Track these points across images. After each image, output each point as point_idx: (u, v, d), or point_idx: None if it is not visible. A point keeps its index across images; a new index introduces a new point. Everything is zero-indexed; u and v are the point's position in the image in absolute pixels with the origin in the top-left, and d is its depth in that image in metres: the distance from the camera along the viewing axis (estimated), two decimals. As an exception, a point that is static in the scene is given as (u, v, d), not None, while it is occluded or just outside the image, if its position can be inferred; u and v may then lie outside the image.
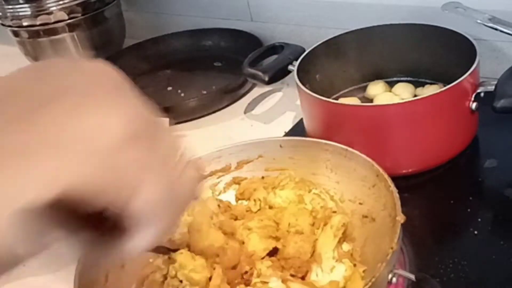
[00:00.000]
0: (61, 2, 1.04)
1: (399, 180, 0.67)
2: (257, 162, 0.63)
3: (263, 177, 0.62)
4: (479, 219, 0.61)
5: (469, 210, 0.63)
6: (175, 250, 0.52)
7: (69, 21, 1.06)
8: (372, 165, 0.55)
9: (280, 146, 0.62)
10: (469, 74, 0.64)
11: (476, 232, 0.59)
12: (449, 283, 0.54)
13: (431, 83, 0.79)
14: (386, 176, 0.54)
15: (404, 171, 0.68)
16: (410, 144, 0.67)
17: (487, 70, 0.71)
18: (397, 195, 0.52)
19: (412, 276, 0.47)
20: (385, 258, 0.45)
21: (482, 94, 0.66)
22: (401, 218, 0.50)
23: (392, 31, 0.78)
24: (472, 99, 0.66)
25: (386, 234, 0.50)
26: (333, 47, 0.79)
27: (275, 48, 0.84)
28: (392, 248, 0.46)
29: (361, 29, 0.79)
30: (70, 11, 1.06)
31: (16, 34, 1.10)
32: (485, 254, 0.57)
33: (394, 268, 0.47)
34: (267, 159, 0.63)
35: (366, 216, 0.57)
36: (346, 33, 0.79)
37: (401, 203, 0.64)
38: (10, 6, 1.05)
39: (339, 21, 0.91)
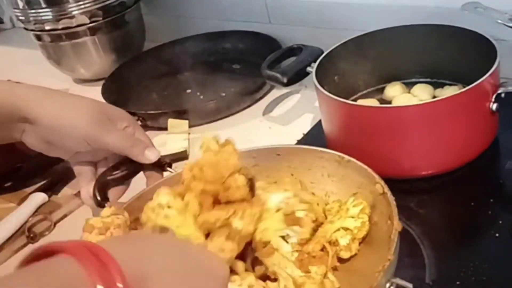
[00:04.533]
0: (82, 6, 1.06)
1: (418, 182, 0.68)
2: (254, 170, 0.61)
3: None
4: (500, 221, 0.60)
5: (490, 212, 0.62)
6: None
7: (90, 24, 1.08)
8: (368, 172, 0.54)
9: (277, 154, 0.62)
10: (490, 75, 0.63)
11: (497, 235, 0.59)
12: (470, 286, 0.54)
13: (450, 84, 0.78)
14: (382, 182, 0.52)
15: (423, 172, 0.68)
16: (430, 146, 0.66)
17: (507, 70, 0.70)
18: (394, 202, 0.50)
19: (410, 285, 0.46)
20: (383, 268, 0.45)
21: (502, 95, 0.65)
22: (398, 226, 0.48)
23: (410, 32, 0.78)
24: (493, 100, 0.65)
25: (385, 242, 0.49)
26: (351, 49, 0.79)
27: (294, 50, 0.84)
28: (389, 259, 0.45)
29: (380, 30, 0.79)
30: (91, 15, 1.07)
31: (38, 38, 1.12)
32: (506, 256, 0.56)
33: (392, 277, 0.46)
34: (263, 168, 0.62)
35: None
36: (364, 34, 0.79)
37: (421, 205, 0.64)
38: (33, 11, 1.07)
39: (357, 22, 0.90)
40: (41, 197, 0.78)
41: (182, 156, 0.82)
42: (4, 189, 0.82)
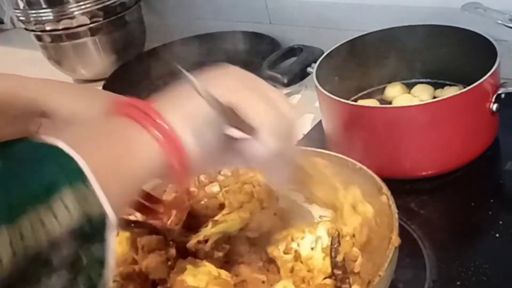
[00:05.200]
0: (83, 7, 1.06)
1: (419, 183, 0.68)
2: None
3: None
4: (500, 222, 0.60)
5: (490, 212, 0.62)
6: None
7: (91, 25, 1.08)
8: (376, 181, 0.54)
9: None
10: (490, 75, 0.63)
11: (497, 235, 0.59)
12: (471, 286, 0.54)
13: (450, 85, 0.78)
14: (389, 194, 0.52)
15: (424, 173, 0.68)
16: (430, 146, 0.66)
17: (507, 71, 0.70)
18: (396, 216, 0.50)
19: None
20: (371, 284, 0.44)
21: (502, 95, 0.65)
22: (396, 241, 0.47)
23: (411, 32, 0.78)
24: (493, 100, 0.65)
25: (383, 254, 0.48)
26: (352, 49, 0.79)
27: (294, 51, 0.84)
28: (379, 275, 0.44)
29: (380, 30, 0.79)
30: (92, 15, 1.07)
31: (39, 38, 1.12)
32: (506, 256, 0.56)
33: None
34: None
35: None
36: (365, 35, 0.79)
37: (421, 206, 0.64)
38: (33, 11, 1.07)
39: (358, 23, 0.90)
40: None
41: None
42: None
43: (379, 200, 0.53)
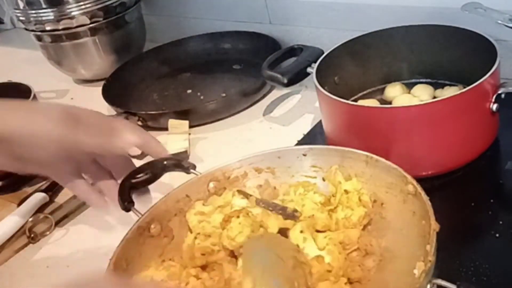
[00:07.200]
0: (83, 7, 1.06)
1: (419, 183, 0.67)
2: (279, 171, 0.62)
3: None
4: (501, 222, 0.60)
5: (490, 212, 0.62)
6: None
7: (91, 25, 1.08)
8: (399, 171, 0.54)
9: (304, 154, 0.62)
10: (490, 75, 0.63)
11: (497, 235, 0.59)
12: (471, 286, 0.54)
13: (450, 85, 0.78)
14: (415, 182, 0.52)
15: (424, 173, 0.68)
16: (430, 146, 0.66)
17: (507, 71, 0.70)
18: (429, 202, 0.50)
19: (453, 286, 0.45)
20: (424, 270, 0.44)
21: (502, 95, 0.65)
22: (436, 226, 0.48)
23: (411, 32, 0.78)
24: (493, 100, 0.65)
25: (415, 242, 0.48)
26: (352, 49, 0.79)
27: (294, 51, 0.84)
28: (430, 260, 0.45)
29: (380, 30, 0.79)
30: (92, 15, 1.07)
31: (39, 38, 1.12)
32: (507, 257, 0.56)
33: (432, 278, 0.46)
34: (289, 168, 0.62)
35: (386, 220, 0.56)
36: (365, 35, 0.79)
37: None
38: (33, 11, 1.07)
39: (358, 23, 0.90)
40: (41, 197, 0.78)
41: (182, 156, 0.82)
42: (4, 189, 0.82)
43: (405, 189, 0.53)
